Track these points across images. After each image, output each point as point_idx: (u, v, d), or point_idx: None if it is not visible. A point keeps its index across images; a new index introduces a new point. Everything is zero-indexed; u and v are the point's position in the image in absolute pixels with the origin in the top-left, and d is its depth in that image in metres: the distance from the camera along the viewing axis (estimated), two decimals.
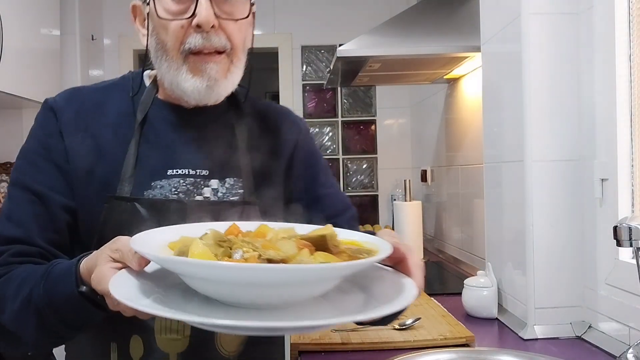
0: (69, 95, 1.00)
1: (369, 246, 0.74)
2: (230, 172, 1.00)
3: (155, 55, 0.95)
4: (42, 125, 0.98)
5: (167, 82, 0.95)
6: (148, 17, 0.94)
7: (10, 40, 2.19)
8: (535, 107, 1.35)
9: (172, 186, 0.96)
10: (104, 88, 1.03)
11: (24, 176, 0.94)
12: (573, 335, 1.32)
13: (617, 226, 0.95)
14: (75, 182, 0.94)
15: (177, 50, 0.92)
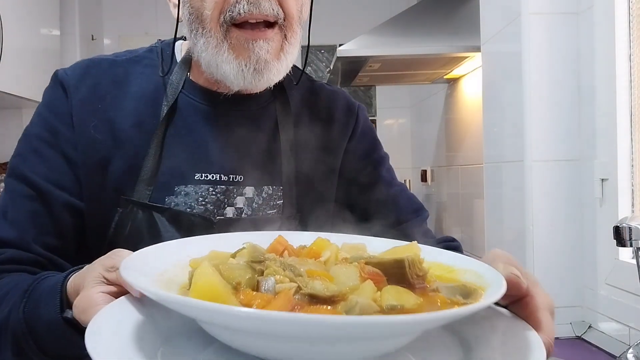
0: (85, 69, 0.82)
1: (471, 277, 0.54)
2: (270, 178, 0.83)
3: (189, 28, 0.79)
4: (49, 104, 0.80)
5: (205, 62, 0.78)
6: None
7: (10, 40, 2.19)
8: (535, 107, 1.35)
9: (200, 194, 0.80)
10: (128, 61, 0.85)
11: (24, 164, 0.77)
12: (573, 335, 1.32)
13: (617, 226, 0.95)
14: (85, 177, 0.78)
15: (217, 21, 0.74)
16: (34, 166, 0.77)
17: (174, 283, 0.48)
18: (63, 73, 0.82)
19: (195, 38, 0.77)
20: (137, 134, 0.79)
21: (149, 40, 1.00)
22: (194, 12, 0.77)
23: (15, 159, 0.79)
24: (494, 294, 0.43)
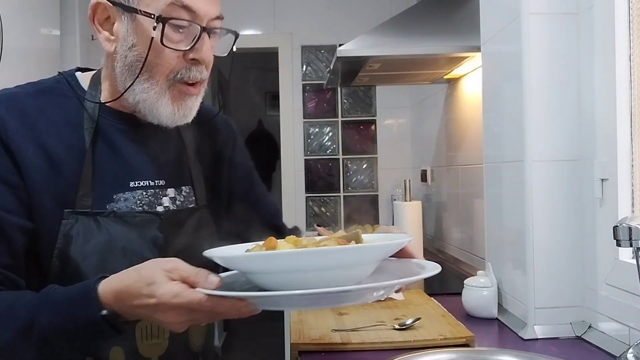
0: (7, 101, 0.90)
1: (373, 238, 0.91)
2: (184, 180, 1.02)
3: (129, 70, 0.91)
4: None
5: (140, 100, 0.92)
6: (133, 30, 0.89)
7: (10, 40, 2.19)
8: (535, 107, 1.35)
9: (137, 198, 0.95)
10: (41, 92, 0.95)
11: None
12: (573, 335, 1.32)
13: (617, 226, 0.95)
14: (31, 198, 0.87)
15: (165, 76, 0.91)
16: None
17: None
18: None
19: (138, 80, 0.90)
20: (69, 154, 0.90)
21: None
22: (142, 61, 0.89)
23: None
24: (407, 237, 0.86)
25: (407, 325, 1.38)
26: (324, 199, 3.51)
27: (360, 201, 3.52)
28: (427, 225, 2.92)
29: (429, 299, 1.68)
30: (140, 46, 0.90)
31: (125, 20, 0.90)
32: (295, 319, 1.48)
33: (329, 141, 3.50)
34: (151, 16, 0.87)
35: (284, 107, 3.47)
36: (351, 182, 3.52)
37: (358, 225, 3.22)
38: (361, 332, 1.36)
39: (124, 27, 0.90)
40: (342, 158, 3.51)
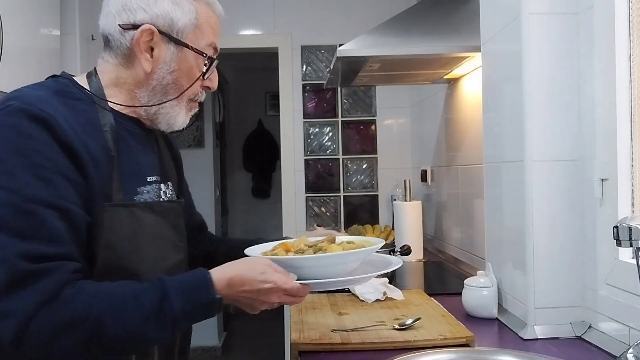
0: (46, 103, 0.94)
1: (358, 242, 1.21)
2: (168, 177, 1.18)
3: (163, 89, 1.07)
4: (34, 138, 0.90)
5: (163, 113, 1.09)
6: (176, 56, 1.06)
7: (10, 40, 2.19)
8: (535, 107, 1.35)
9: (153, 191, 1.09)
10: (59, 95, 1.00)
11: (40, 193, 0.88)
12: (573, 335, 1.32)
13: (617, 226, 0.95)
14: (87, 193, 0.95)
15: (188, 98, 1.10)
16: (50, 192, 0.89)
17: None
18: (34, 108, 0.92)
19: (164, 95, 1.07)
20: (101, 155, 0.99)
21: None
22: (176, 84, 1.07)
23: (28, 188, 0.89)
24: (379, 243, 1.16)
25: (407, 325, 1.38)
26: (324, 199, 3.51)
27: (360, 201, 3.52)
28: (427, 225, 2.92)
29: (429, 299, 1.68)
30: (178, 73, 1.06)
31: (171, 48, 1.05)
32: (295, 319, 1.48)
33: (329, 141, 3.50)
34: (203, 55, 1.07)
35: (284, 107, 3.46)
36: (351, 182, 3.52)
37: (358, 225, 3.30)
38: (361, 332, 1.36)
39: (169, 54, 1.05)
40: (342, 158, 3.51)
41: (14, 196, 0.87)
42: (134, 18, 1.03)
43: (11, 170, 0.88)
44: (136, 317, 0.90)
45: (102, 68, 1.09)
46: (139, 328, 0.90)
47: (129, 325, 0.89)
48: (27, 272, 0.85)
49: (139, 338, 0.92)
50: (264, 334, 4.59)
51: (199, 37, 1.07)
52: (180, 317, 0.93)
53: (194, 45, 1.06)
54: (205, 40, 1.08)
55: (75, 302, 0.87)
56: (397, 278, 2.06)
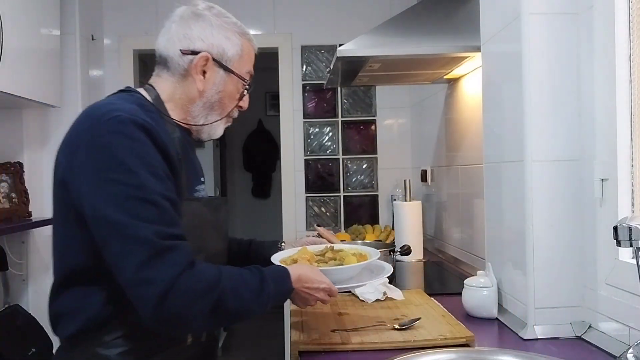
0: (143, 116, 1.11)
1: (361, 251, 1.46)
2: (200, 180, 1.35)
3: (209, 104, 1.26)
4: (144, 143, 1.08)
5: (202, 123, 1.28)
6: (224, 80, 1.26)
7: (10, 40, 2.19)
8: (535, 107, 1.35)
9: (203, 189, 1.32)
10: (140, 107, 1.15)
11: (157, 187, 1.06)
12: (573, 335, 1.32)
13: (617, 226, 0.95)
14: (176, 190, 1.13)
15: (228, 115, 1.31)
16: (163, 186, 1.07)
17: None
18: (140, 119, 1.09)
19: (209, 110, 1.27)
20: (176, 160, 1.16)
21: (150, 40, 1.23)
22: (221, 103, 1.27)
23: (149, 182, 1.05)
24: (376, 254, 1.43)
25: (407, 325, 1.38)
26: (324, 199, 3.51)
27: (360, 201, 3.52)
28: (427, 225, 2.92)
29: (429, 299, 1.68)
30: (223, 93, 1.27)
31: (220, 73, 1.25)
32: (295, 319, 1.48)
33: (329, 141, 3.50)
34: (244, 80, 1.29)
35: (284, 107, 3.47)
36: (351, 182, 3.52)
37: (358, 225, 3.30)
38: (361, 332, 1.36)
39: (218, 77, 1.25)
40: (342, 158, 3.51)
41: (140, 190, 1.03)
42: (193, 46, 1.22)
43: (133, 169, 1.04)
44: (247, 294, 1.11)
45: (159, 85, 1.26)
46: (248, 303, 1.11)
47: (242, 300, 1.10)
48: (164, 247, 1.01)
49: (246, 310, 1.12)
50: (264, 334, 4.59)
51: (242, 65, 1.28)
52: (272, 298, 1.15)
53: (238, 72, 1.27)
54: (246, 68, 1.29)
55: (207, 274, 1.06)
56: (397, 278, 2.06)
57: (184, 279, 1.01)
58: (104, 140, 1.05)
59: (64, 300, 1.16)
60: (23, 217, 2.65)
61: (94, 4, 3.27)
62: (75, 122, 1.13)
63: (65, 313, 1.15)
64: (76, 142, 1.08)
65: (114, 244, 1.02)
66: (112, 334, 1.12)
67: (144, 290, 1.00)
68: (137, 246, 1.00)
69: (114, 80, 3.35)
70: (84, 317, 1.12)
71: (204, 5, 1.26)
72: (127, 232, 1.01)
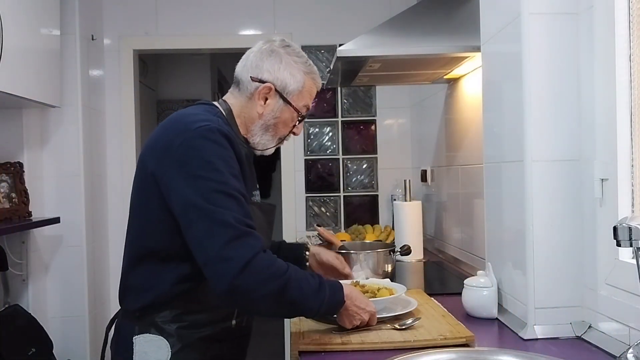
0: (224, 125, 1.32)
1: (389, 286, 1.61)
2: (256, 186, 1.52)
3: (265, 126, 1.44)
4: (228, 150, 1.28)
5: (258, 141, 1.45)
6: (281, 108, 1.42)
7: (10, 40, 2.19)
8: (535, 107, 1.35)
9: (257, 195, 1.50)
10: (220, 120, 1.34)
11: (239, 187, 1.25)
12: (573, 335, 1.32)
13: (617, 226, 0.95)
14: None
15: (279, 137, 1.47)
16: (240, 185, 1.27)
17: None
18: (224, 129, 1.29)
19: (264, 132, 1.45)
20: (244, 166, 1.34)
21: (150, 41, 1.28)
22: (275, 127, 1.45)
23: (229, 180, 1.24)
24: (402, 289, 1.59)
25: (407, 325, 1.38)
26: (324, 199, 3.51)
27: (360, 201, 3.52)
28: (427, 225, 2.92)
29: (429, 299, 1.68)
30: (279, 120, 1.43)
31: (279, 102, 1.42)
32: (295, 320, 1.48)
33: (329, 141, 3.50)
34: (299, 112, 1.45)
35: None
36: (351, 182, 3.52)
37: (358, 225, 3.28)
38: (361, 332, 1.36)
39: (277, 106, 1.42)
40: (342, 158, 3.51)
41: (223, 186, 1.22)
42: (261, 75, 1.41)
43: (219, 169, 1.24)
44: (308, 289, 1.26)
45: (231, 101, 1.45)
46: (307, 298, 1.26)
47: (303, 293, 1.25)
48: (242, 232, 1.19)
49: (304, 305, 1.26)
50: (264, 334, 4.59)
51: (300, 99, 1.44)
52: (326, 302, 1.29)
53: (295, 104, 1.43)
54: (303, 102, 1.45)
55: (277, 260, 1.23)
56: (397, 278, 2.06)
57: (259, 260, 1.18)
58: (196, 143, 1.24)
59: (136, 276, 1.34)
60: (23, 217, 2.64)
61: (94, 4, 3.27)
62: (164, 127, 1.33)
63: (136, 287, 1.34)
64: (167, 143, 1.27)
65: (201, 226, 1.20)
66: (174, 310, 1.31)
67: (225, 266, 1.16)
68: (222, 228, 1.18)
69: (114, 80, 3.36)
70: (153, 293, 1.30)
71: (280, 42, 1.44)
72: (214, 217, 1.19)
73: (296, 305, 1.26)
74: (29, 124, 2.82)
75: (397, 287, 1.60)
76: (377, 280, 1.69)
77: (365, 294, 1.52)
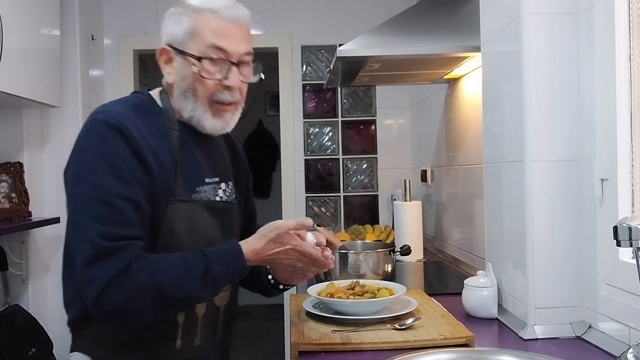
0: (125, 117, 1.16)
1: (389, 286, 1.60)
2: (229, 178, 1.35)
3: (181, 93, 1.23)
4: (114, 144, 1.12)
5: (188, 115, 1.24)
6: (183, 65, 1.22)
7: (10, 40, 2.19)
8: (535, 107, 1.35)
9: (209, 190, 1.28)
10: (138, 110, 1.21)
11: (118, 188, 1.10)
12: (573, 335, 1.32)
13: (617, 226, 0.95)
14: (153, 192, 1.15)
15: (206, 99, 1.23)
16: (126, 188, 1.11)
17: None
18: (115, 122, 1.14)
19: (186, 101, 1.23)
20: (168, 159, 1.19)
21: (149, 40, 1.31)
22: (192, 89, 1.22)
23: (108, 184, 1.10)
24: (402, 289, 1.57)
25: (407, 325, 1.38)
26: (324, 199, 3.51)
27: (361, 201, 3.52)
28: (427, 225, 2.92)
29: (429, 299, 1.68)
30: (189, 79, 1.22)
31: (180, 60, 1.23)
32: (295, 320, 1.48)
33: (329, 141, 3.50)
34: (194, 57, 1.20)
35: (284, 107, 3.47)
36: (351, 182, 3.52)
37: (358, 225, 3.29)
38: (361, 332, 1.36)
39: (179, 65, 1.23)
40: (342, 158, 3.51)
41: (98, 191, 1.09)
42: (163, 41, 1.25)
43: (96, 170, 1.10)
44: (189, 282, 1.11)
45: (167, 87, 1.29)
46: (192, 289, 1.12)
47: (184, 287, 1.11)
48: (106, 249, 1.07)
49: (192, 297, 1.14)
50: (264, 334, 4.59)
51: (198, 43, 1.20)
52: (219, 279, 1.14)
53: (194, 50, 1.20)
54: (205, 43, 1.20)
55: (142, 274, 1.08)
56: (397, 278, 2.06)
57: (118, 280, 1.06)
58: (81, 142, 1.15)
59: (66, 286, 1.25)
60: (23, 217, 2.65)
61: (94, 4, 3.27)
62: None
63: (66, 299, 1.25)
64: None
65: (72, 242, 1.13)
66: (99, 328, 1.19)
67: (87, 289, 1.07)
68: (84, 246, 1.08)
69: (114, 80, 3.36)
70: (78, 306, 1.20)
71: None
72: (78, 232, 1.11)
73: (185, 301, 1.15)
74: (29, 124, 2.82)
75: (397, 287, 1.59)
76: (373, 282, 1.69)
77: (365, 294, 1.52)
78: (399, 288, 1.59)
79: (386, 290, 1.56)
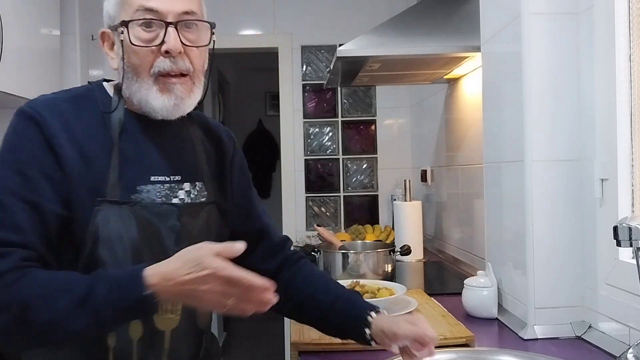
0: (48, 106, 1.03)
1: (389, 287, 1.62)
2: (198, 177, 1.14)
3: (125, 75, 1.06)
4: (25, 136, 1.00)
5: (137, 99, 1.07)
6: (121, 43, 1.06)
7: (10, 40, 2.19)
8: (535, 107, 1.35)
9: (157, 191, 1.07)
10: (75, 98, 1.08)
11: (14, 186, 0.96)
12: (573, 335, 1.32)
13: (617, 226, 0.95)
14: (69, 190, 0.99)
15: (148, 72, 1.05)
16: (24, 186, 0.96)
17: None
18: (31, 110, 1.02)
19: (131, 82, 1.06)
20: (100, 153, 1.03)
21: None
22: (131, 65, 1.05)
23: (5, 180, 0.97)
24: (401, 290, 1.59)
25: None
26: (324, 199, 3.51)
27: (361, 201, 3.51)
28: (427, 225, 2.92)
29: (429, 299, 1.68)
30: (127, 55, 1.05)
31: (116, 39, 1.08)
32: None
33: (329, 141, 3.50)
34: (120, 24, 1.04)
35: (284, 107, 3.46)
36: (351, 182, 3.52)
37: (358, 225, 3.30)
38: None
39: (117, 44, 1.08)
40: (342, 158, 3.50)
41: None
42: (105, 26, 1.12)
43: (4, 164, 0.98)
44: (61, 304, 0.89)
45: None
46: (60, 315, 0.89)
47: (52, 310, 0.89)
48: None
49: (60, 325, 0.90)
50: (264, 334, 4.59)
51: (128, 10, 1.04)
52: (103, 310, 0.89)
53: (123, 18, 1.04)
54: (133, 8, 1.03)
55: (11, 288, 0.89)
56: (397, 278, 2.06)
57: None
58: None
59: None
60: None
61: (94, 4, 3.26)
62: None
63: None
64: None
65: None
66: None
67: None
68: None
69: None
70: None
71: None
72: None
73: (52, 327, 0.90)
74: None
75: (397, 287, 1.59)
76: (374, 282, 1.69)
77: (365, 294, 1.51)
78: (399, 288, 1.59)
79: (386, 290, 1.55)
